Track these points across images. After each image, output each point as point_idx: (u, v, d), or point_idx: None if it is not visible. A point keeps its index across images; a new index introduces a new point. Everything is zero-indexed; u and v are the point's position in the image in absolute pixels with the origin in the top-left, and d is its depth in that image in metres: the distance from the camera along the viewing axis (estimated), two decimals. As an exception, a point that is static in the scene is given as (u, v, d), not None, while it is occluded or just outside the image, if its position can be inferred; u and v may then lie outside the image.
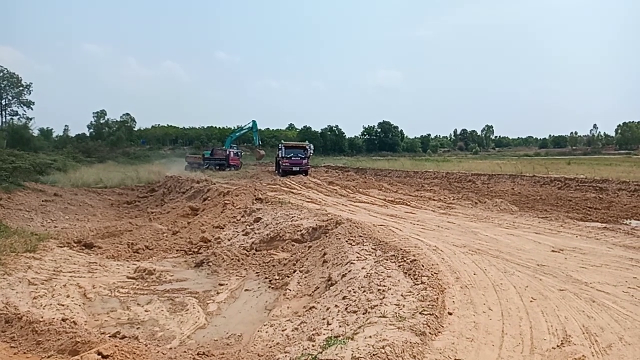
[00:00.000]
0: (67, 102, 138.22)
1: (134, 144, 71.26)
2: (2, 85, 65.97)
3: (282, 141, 32.26)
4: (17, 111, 67.42)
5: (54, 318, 5.73)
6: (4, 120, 65.68)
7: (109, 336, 5.41)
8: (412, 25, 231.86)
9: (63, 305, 6.63)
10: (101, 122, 77.90)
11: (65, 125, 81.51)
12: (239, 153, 39.57)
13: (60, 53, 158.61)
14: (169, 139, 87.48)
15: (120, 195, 23.73)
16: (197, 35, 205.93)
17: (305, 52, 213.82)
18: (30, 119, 61.06)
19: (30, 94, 67.90)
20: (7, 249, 8.47)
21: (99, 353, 3.90)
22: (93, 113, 78.89)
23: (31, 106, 67.80)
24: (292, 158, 26.85)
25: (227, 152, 37.74)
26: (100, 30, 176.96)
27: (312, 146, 30.12)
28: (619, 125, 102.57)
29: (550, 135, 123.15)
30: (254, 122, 40.20)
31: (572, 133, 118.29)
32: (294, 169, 26.36)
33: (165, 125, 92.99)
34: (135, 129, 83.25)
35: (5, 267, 7.51)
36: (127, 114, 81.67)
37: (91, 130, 77.46)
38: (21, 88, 67.06)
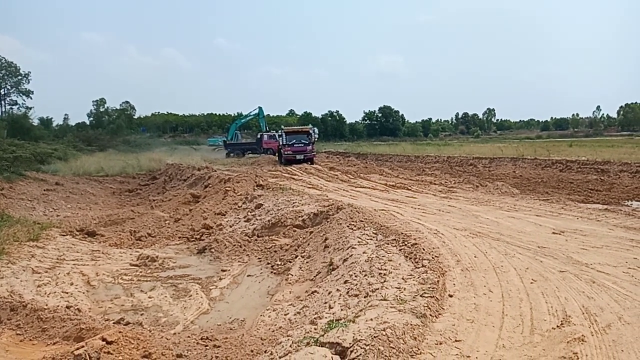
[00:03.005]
0: (67, 91, 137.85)
1: (134, 132, 71.06)
2: (1, 75, 65.69)
3: (282, 127, 28.83)
4: (16, 100, 67.39)
5: (58, 305, 5.80)
6: (3, 110, 65.72)
7: (113, 322, 5.49)
8: (413, 10, 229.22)
9: (67, 293, 6.70)
10: (101, 110, 77.92)
11: (65, 114, 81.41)
12: (275, 136, 37.72)
13: (59, 42, 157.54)
14: (169, 126, 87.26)
15: (122, 183, 23.76)
16: (197, 22, 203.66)
17: (306, 39, 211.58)
18: (30, 109, 60.80)
19: (29, 83, 67.78)
20: (11, 238, 8.53)
21: (104, 339, 3.94)
22: (93, 101, 79.11)
23: (30, 95, 67.73)
24: (295, 145, 24.11)
25: (259, 136, 37.26)
26: (100, 19, 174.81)
27: (316, 130, 26.90)
28: (622, 107, 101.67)
29: (552, 118, 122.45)
30: (260, 108, 39.91)
31: (574, 115, 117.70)
32: (298, 157, 23.72)
33: (165, 113, 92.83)
34: (136, 117, 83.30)
35: (9, 256, 7.57)
36: (127, 102, 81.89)
37: (91, 118, 77.57)
38: (20, 77, 66.85)
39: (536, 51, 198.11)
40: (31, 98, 67.69)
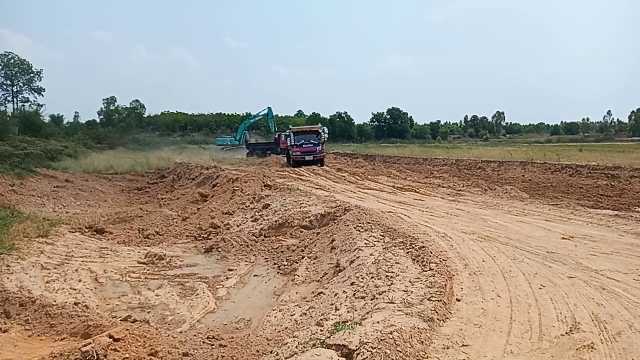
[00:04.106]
0: (77, 88, 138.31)
1: (144, 130, 71.44)
2: (14, 72, 66.38)
3: (290, 127, 27.74)
4: (28, 98, 67.98)
5: (66, 302, 5.85)
6: (15, 107, 66.27)
7: (120, 320, 5.51)
8: (422, 9, 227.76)
9: (75, 290, 6.76)
10: (111, 108, 78.54)
11: (76, 112, 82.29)
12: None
13: (70, 40, 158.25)
14: (178, 125, 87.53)
15: (131, 181, 23.93)
16: (205, 21, 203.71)
17: (314, 38, 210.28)
18: (41, 106, 61.20)
19: (40, 80, 68.28)
20: (20, 234, 8.62)
21: (111, 336, 3.97)
22: (103, 99, 79.80)
23: (42, 93, 68.26)
24: (304, 145, 23.09)
25: (277, 136, 37.03)
26: (109, 18, 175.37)
27: (326, 129, 25.62)
28: (633, 112, 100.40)
29: (562, 122, 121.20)
30: (269, 108, 39.88)
31: (584, 119, 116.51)
32: (307, 158, 22.81)
33: (175, 112, 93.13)
34: (145, 116, 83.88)
35: (18, 251, 7.64)
36: (137, 101, 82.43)
37: (101, 116, 78.22)
38: (32, 75, 67.39)
39: (546, 53, 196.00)
40: (42, 95, 68.34)
